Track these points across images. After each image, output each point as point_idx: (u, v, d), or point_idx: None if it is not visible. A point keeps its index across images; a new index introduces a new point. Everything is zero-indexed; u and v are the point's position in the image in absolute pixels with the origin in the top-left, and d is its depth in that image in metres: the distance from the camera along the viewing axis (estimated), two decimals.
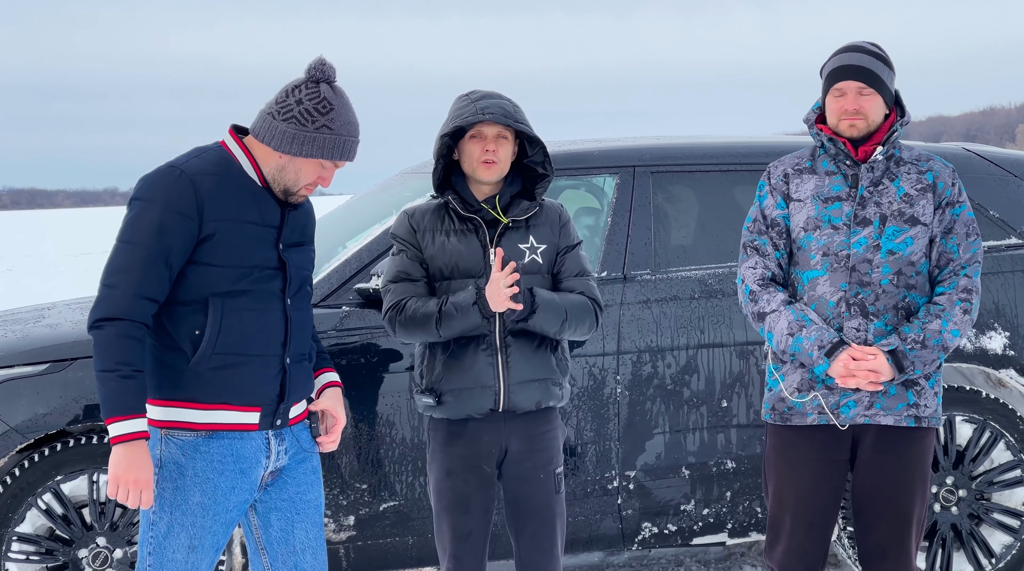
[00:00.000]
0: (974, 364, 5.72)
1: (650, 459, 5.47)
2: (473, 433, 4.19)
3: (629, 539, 5.51)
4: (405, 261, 4.23)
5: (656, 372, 5.46)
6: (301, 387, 3.72)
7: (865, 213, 4.12)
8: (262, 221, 3.58)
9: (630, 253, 5.53)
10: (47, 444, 5.01)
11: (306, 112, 3.53)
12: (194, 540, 3.57)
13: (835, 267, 4.12)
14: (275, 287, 3.59)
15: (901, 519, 4.17)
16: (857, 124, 4.11)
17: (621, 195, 5.62)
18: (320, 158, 3.56)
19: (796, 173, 4.23)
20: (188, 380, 3.54)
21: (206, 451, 3.56)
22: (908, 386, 4.11)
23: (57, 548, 5.01)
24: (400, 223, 4.29)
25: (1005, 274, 5.79)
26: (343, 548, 5.24)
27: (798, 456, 4.20)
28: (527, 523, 4.27)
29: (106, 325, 3.43)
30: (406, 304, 4.16)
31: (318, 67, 3.56)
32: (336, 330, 5.16)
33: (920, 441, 4.17)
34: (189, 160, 3.56)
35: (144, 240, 3.45)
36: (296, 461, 3.74)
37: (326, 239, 5.82)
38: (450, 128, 4.12)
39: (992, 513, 5.70)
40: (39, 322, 5.47)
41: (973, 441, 5.69)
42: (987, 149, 6.25)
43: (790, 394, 4.20)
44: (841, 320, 4.11)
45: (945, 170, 4.18)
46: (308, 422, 3.79)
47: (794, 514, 4.22)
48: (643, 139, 6.04)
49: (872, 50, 4.15)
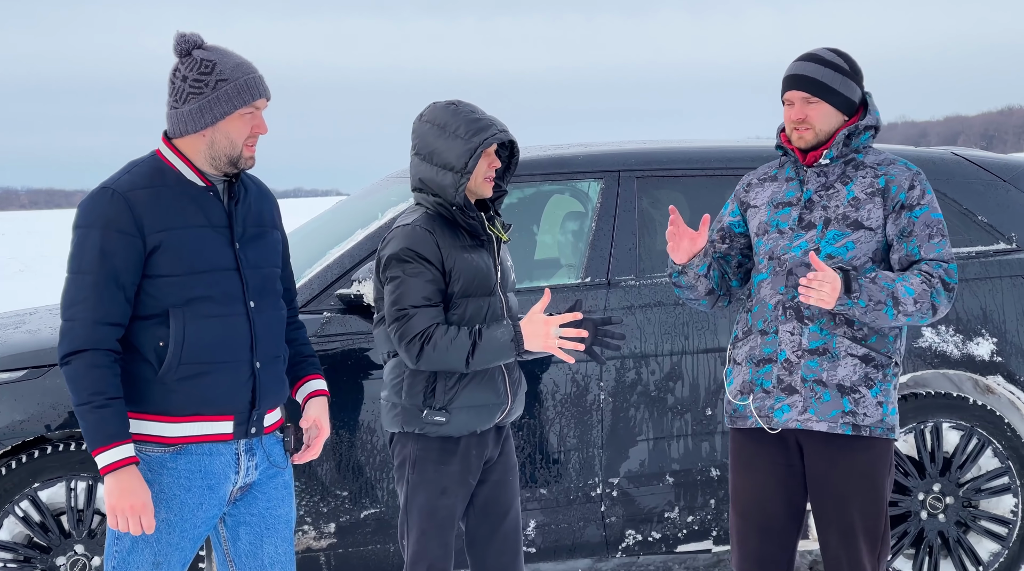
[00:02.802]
0: (962, 370, 5.67)
1: (634, 466, 5.43)
2: (465, 449, 4.12)
3: (613, 547, 5.48)
4: (428, 284, 4.01)
5: (640, 379, 5.42)
6: (274, 392, 3.68)
7: (811, 217, 4.10)
8: (209, 222, 3.55)
9: (614, 258, 5.50)
10: (24, 451, 5.00)
11: (195, 82, 3.52)
12: (159, 556, 3.55)
13: (776, 270, 4.12)
14: (234, 289, 3.56)
15: (848, 531, 4.10)
16: (804, 135, 4.10)
17: (606, 200, 5.59)
18: (235, 110, 3.52)
19: (760, 182, 4.27)
20: (156, 392, 3.51)
21: (173, 467, 3.54)
22: (844, 393, 4.06)
23: (35, 555, 4.99)
24: (421, 239, 4.02)
25: (993, 280, 5.74)
26: (324, 556, 5.22)
27: (751, 459, 4.18)
28: (498, 526, 4.22)
29: (73, 359, 3.44)
30: (433, 334, 3.96)
31: (179, 41, 3.55)
32: (317, 336, 5.14)
33: (866, 451, 4.09)
34: (120, 177, 3.54)
35: (90, 267, 3.45)
36: (267, 476, 3.71)
37: (310, 245, 5.81)
38: (490, 143, 4.01)
39: (979, 520, 5.66)
40: (19, 328, 5.46)
41: (960, 448, 5.65)
42: (976, 153, 6.20)
43: (733, 397, 4.20)
44: (777, 323, 4.09)
45: (904, 174, 4.12)
46: (281, 436, 3.76)
47: (748, 518, 4.19)
48: (628, 143, 6.01)
49: (826, 58, 4.12)
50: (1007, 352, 5.69)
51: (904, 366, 5.60)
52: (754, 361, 4.13)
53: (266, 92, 3.57)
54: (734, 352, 4.23)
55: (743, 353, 4.18)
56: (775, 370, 4.09)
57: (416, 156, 4.12)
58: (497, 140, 4.04)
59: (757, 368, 4.12)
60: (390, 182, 6.17)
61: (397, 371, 4.12)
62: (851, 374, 4.05)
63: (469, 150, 4.01)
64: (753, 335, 4.15)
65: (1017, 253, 5.83)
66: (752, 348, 4.14)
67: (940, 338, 5.65)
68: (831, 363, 4.04)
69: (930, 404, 5.65)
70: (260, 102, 3.57)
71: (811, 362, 4.05)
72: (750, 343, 4.16)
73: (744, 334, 4.20)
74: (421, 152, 4.09)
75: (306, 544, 5.18)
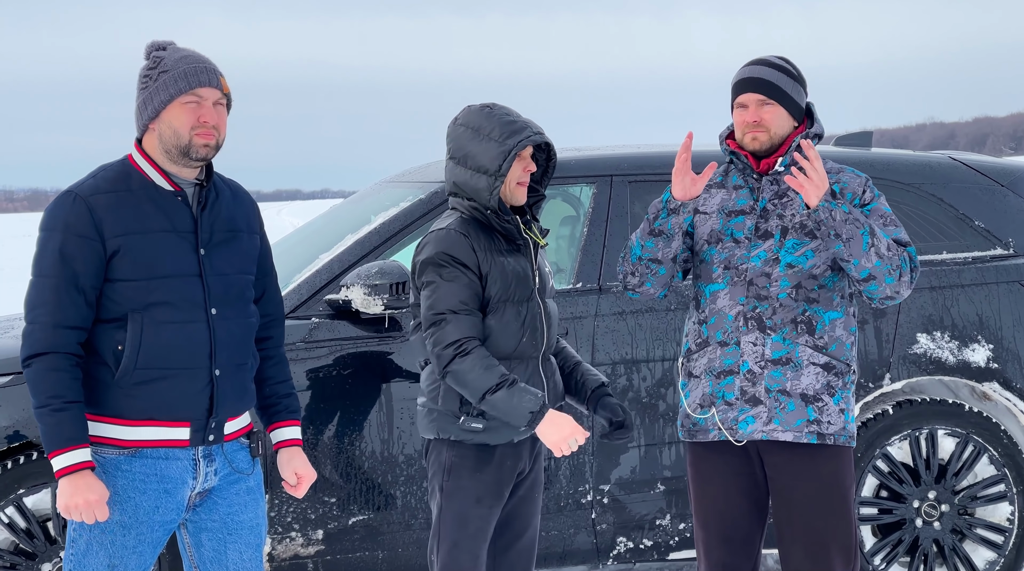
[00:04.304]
0: (958, 377, 5.62)
1: (625, 473, 5.39)
2: (500, 459, 4.02)
3: (604, 554, 5.44)
4: (466, 289, 3.91)
5: (631, 384, 5.39)
6: (236, 400, 3.65)
7: (767, 226, 4.06)
8: (173, 227, 3.54)
9: (606, 264, 5.47)
10: (10, 457, 4.98)
11: (143, 78, 3.56)
12: (114, 559, 3.54)
13: (735, 281, 4.06)
14: (195, 295, 3.54)
15: (818, 545, 4.05)
16: (759, 137, 4.05)
17: (598, 205, 5.55)
18: (173, 99, 3.51)
19: (706, 188, 4.19)
20: (113, 395, 3.51)
21: (128, 470, 3.53)
22: (808, 402, 4.01)
23: (20, 562, 4.98)
24: (456, 243, 3.94)
25: (989, 286, 5.69)
26: (312, 563, 5.19)
27: (710, 470, 4.14)
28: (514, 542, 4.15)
29: (33, 362, 3.45)
30: (471, 350, 3.87)
31: (149, 46, 3.58)
32: (305, 342, 5.11)
33: (830, 461, 4.05)
34: (85, 181, 3.56)
35: (50, 270, 3.47)
36: (228, 482, 3.68)
37: (300, 250, 5.78)
38: (524, 145, 3.94)
39: (975, 528, 5.61)
40: (6, 333, 5.44)
41: (956, 455, 5.60)
42: (974, 158, 6.15)
43: (692, 411, 4.14)
44: (739, 334, 4.04)
45: (855, 180, 4.09)
46: (247, 442, 3.73)
47: (711, 530, 4.16)
48: (621, 148, 5.97)
49: (777, 63, 4.10)
50: (1003, 358, 5.64)
51: (899, 372, 5.57)
52: (714, 373, 4.08)
53: (209, 81, 3.54)
54: (689, 364, 4.16)
55: (701, 365, 4.11)
56: (737, 381, 4.04)
57: (451, 160, 4.05)
58: (532, 142, 3.97)
59: (718, 380, 4.07)
60: (383, 186, 6.14)
61: (434, 376, 4.03)
62: (814, 383, 4.01)
63: (503, 152, 3.94)
64: (711, 347, 4.09)
65: (1014, 258, 5.78)
66: (711, 360, 4.09)
67: (936, 344, 5.60)
68: (794, 372, 4.01)
69: (925, 411, 5.60)
70: (203, 90, 3.54)
71: (774, 372, 4.01)
72: (708, 355, 4.10)
73: (699, 346, 4.13)
74: (455, 156, 4.03)
75: (294, 551, 5.16)
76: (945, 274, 5.65)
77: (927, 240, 5.69)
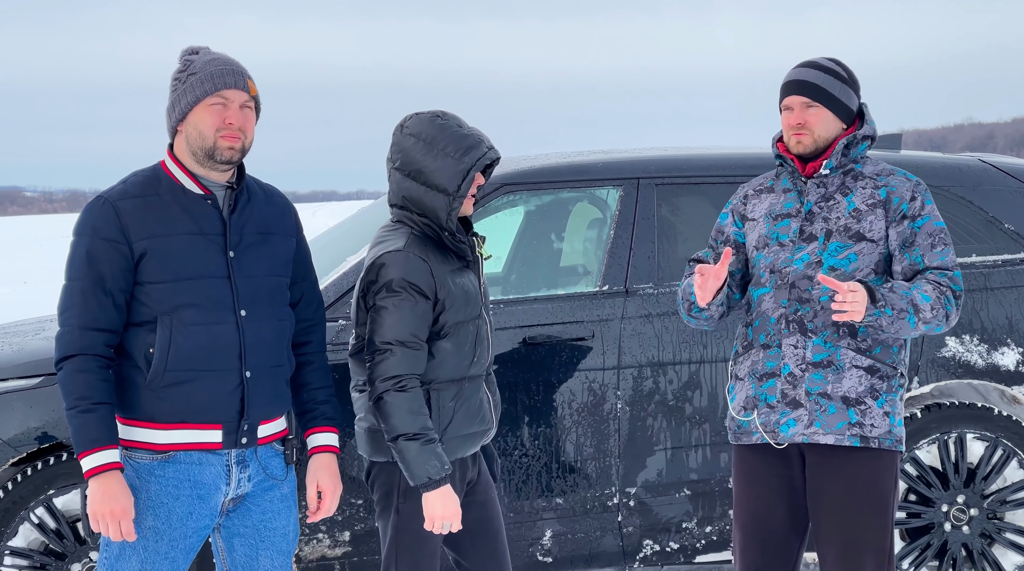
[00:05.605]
0: (987, 380, 5.59)
1: (651, 476, 5.39)
2: (450, 475, 3.92)
3: (630, 557, 5.44)
4: (419, 320, 3.80)
5: (658, 387, 5.38)
6: (268, 402, 3.66)
7: (812, 229, 4.05)
8: (200, 230, 3.57)
9: (633, 266, 5.46)
10: (40, 458, 5.02)
11: (174, 82, 3.60)
12: (146, 565, 3.56)
13: (778, 284, 4.06)
14: (224, 297, 3.56)
15: (852, 549, 4.03)
16: (803, 140, 4.04)
17: (624, 207, 5.55)
18: (199, 100, 3.54)
19: (756, 194, 4.22)
20: (146, 398, 3.55)
21: (161, 475, 3.55)
22: (850, 405, 4.00)
23: (50, 562, 5.02)
24: (419, 270, 3.80)
25: (1020, 288, 5.66)
26: (339, 564, 5.21)
27: (750, 473, 4.14)
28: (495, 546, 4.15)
29: (64, 364, 3.51)
30: (407, 388, 3.77)
31: (184, 51, 3.62)
32: (332, 344, 5.12)
33: (870, 463, 4.02)
34: (115, 186, 3.61)
35: (79, 273, 3.52)
36: (262, 488, 3.70)
37: (330, 251, 5.79)
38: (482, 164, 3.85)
39: (1004, 533, 5.58)
40: (38, 335, 5.49)
41: (985, 459, 5.56)
42: (1005, 160, 6.11)
43: (736, 413, 4.15)
44: (780, 337, 4.04)
45: (905, 185, 4.06)
46: (281, 448, 3.74)
47: (747, 531, 4.15)
48: (648, 151, 5.96)
49: (825, 66, 4.08)
50: None
51: (928, 376, 5.54)
52: (757, 376, 4.08)
53: (236, 83, 3.56)
54: (735, 367, 4.18)
55: (745, 368, 4.13)
56: (779, 384, 4.04)
57: (397, 171, 3.90)
58: (489, 159, 3.90)
59: (760, 383, 4.07)
60: None
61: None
62: (856, 386, 3.99)
63: (461, 172, 3.82)
64: (755, 349, 4.10)
65: None
66: (755, 362, 4.09)
67: (964, 348, 5.57)
68: (836, 375, 3.99)
69: (954, 414, 5.57)
70: (229, 92, 3.56)
71: (815, 375, 4.00)
72: (752, 357, 4.11)
73: (745, 349, 4.15)
74: (404, 168, 3.88)
75: (321, 552, 5.18)
76: (974, 277, 5.62)
77: (956, 243, 5.65)
